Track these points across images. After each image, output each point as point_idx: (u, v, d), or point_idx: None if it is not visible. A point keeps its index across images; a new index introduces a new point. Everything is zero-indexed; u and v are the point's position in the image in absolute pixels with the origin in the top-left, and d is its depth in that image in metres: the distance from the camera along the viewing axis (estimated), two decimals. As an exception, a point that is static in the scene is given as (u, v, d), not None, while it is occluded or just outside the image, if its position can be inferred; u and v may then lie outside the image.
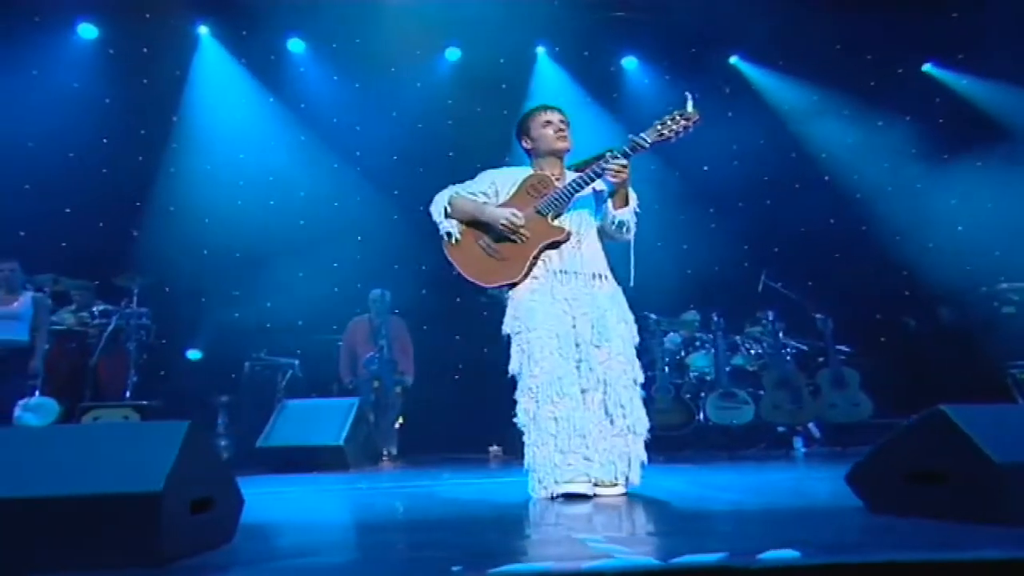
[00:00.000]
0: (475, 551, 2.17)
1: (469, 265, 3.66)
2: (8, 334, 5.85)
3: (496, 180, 3.81)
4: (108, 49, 8.94)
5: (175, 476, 2.03)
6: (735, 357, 7.31)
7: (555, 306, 3.50)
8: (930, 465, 2.67)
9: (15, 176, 8.45)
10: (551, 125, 3.76)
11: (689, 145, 9.37)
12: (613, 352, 3.48)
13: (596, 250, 3.72)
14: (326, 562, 2.12)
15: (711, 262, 9.63)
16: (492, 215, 3.64)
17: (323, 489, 4.46)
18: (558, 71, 9.50)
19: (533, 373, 3.42)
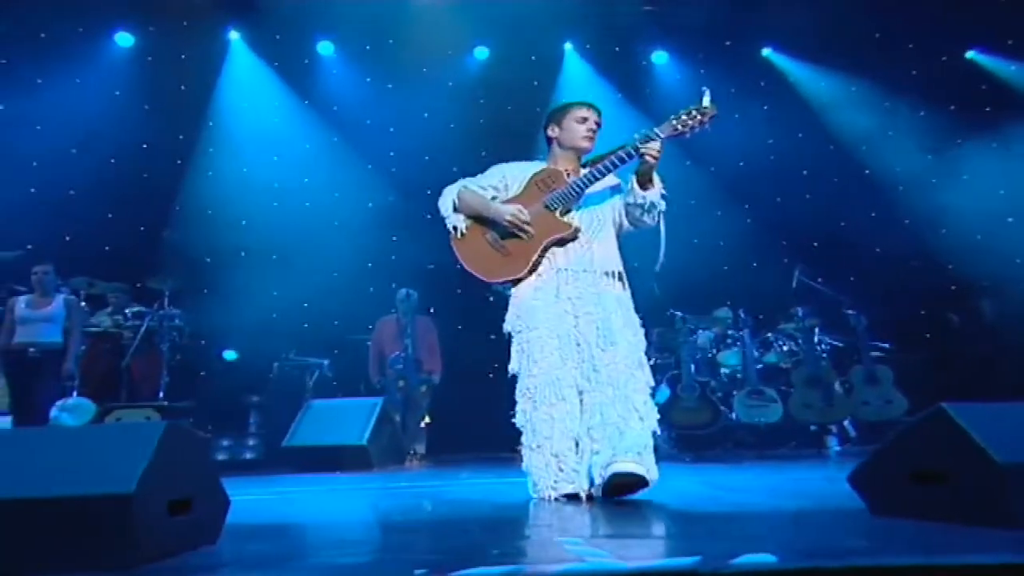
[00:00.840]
0: (448, 553, 2.16)
1: (474, 260, 3.62)
2: (42, 336, 6.00)
3: (507, 174, 3.75)
4: (147, 56, 9.12)
5: (149, 477, 2.03)
6: (768, 354, 7.19)
7: (557, 305, 3.43)
8: (932, 466, 2.59)
9: (60, 182, 8.68)
10: (585, 123, 3.69)
11: (724, 140, 9.41)
12: (619, 356, 3.35)
13: (608, 248, 3.62)
14: (294, 565, 2.12)
15: (748, 258, 9.51)
16: (497, 211, 3.58)
17: (334, 489, 4.48)
18: (586, 68, 9.42)
19: (532, 373, 3.37)
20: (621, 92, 9.31)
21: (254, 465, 6.25)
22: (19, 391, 5.74)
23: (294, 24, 9.10)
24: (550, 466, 3.28)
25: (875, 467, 2.82)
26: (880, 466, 2.80)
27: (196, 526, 2.28)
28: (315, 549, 2.43)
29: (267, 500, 3.99)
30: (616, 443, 3.19)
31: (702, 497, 3.59)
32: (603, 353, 3.34)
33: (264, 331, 8.64)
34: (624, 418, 3.24)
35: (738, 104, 9.69)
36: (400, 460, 6.35)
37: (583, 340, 3.39)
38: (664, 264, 3.87)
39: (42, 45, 8.73)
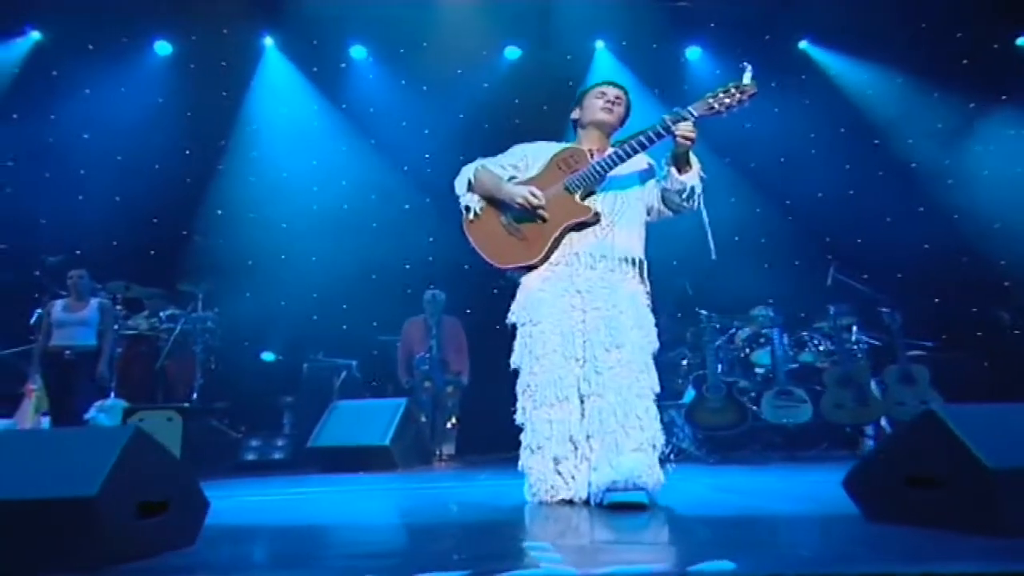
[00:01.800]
0: (405, 557, 2.16)
1: (486, 244, 3.45)
2: (77, 339, 6.17)
3: (528, 153, 3.58)
4: (189, 64, 9.31)
5: (114, 480, 2.07)
6: (803, 353, 7.02)
7: (564, 299, 3.28)
8: (924, 471, 2.51)
9: (107, 189, 8.93)
10: (604, 97, 3.56)
11: (764, 135, 9.21)
12: (624, 358, 3.16)
13: (631, 235, 3.41)
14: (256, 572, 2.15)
15: (789, 256, 9.33)
16: (509, 192, 3.40)
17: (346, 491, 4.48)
18: (618, 65, 9.34)
19: (533, 371, 3.25)
20: (654, 89, 9.20)
21: (282, 465, 6.33)
22: (56, 392, 5.92)
23: (326, 29, 9.20)
24: (547, 469, 3.18)
25: (868, 472, 2.74)
26: (873, 471, 2.72)
27: (171, 528, 2.31)
28: (286, 554, 2.44)
29: (274, 501, 4.03)
30: (613, 460, 3.04)
31: (704, 501, 3.51)
32: (607, 354, 3.18)
33: (304, 333, 8.79)
34: (623, 426, 3.09)
35: (778, 98, 9.54)
36: (426, 461, 6.37)
37: (590, 338, 3.23)
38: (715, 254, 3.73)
39: (90, 56, 8.96)
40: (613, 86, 3.63)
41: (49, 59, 8.90)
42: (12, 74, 8.82)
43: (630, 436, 3.09)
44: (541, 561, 2.01)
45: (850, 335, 7.05)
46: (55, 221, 8.65)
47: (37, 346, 6.13)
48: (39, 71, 8.85)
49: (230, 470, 6.30)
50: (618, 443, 3.07)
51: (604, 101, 3.55)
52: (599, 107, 3.54)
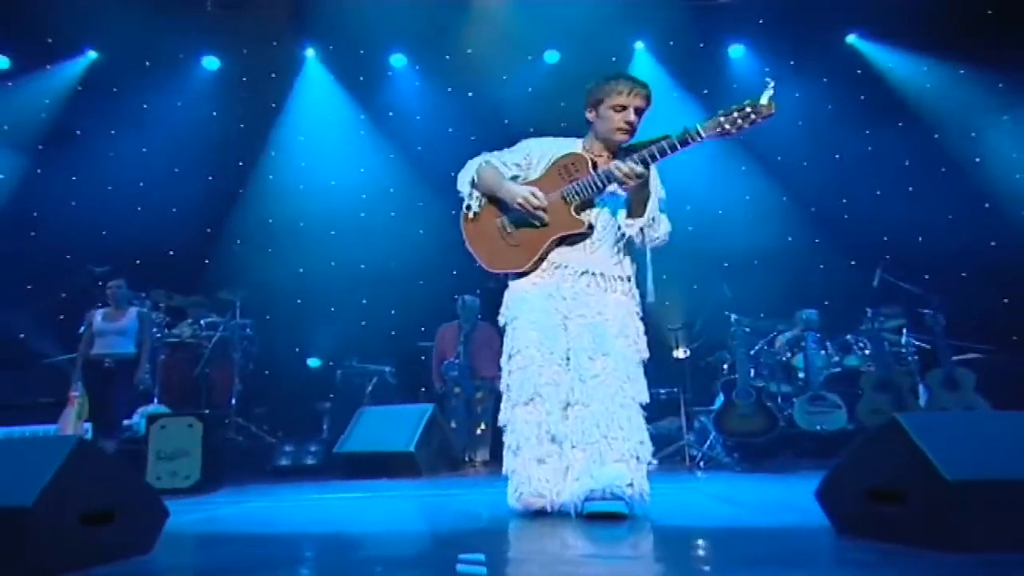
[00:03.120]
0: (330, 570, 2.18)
1: (479, 243, 3.40)
2: (116, 347, 6.35)
3: (532, 152, 3.44)
4: (242, 77, 9.59)
5: (54, 490, 2.13)
6: (848, 357, 6.79)
7: (549, 302, 3.22)
8: (887, 483, 2.42)
9: (164, 201, 9.27)
10: (623, 112, 3.28)
11: (819, 133, 8.94)
12: (609, 367, 3.11)
13: (619, 254, 3.33)
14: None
15: (845, 255, 9.05)
16: (509, 191, 3.28)
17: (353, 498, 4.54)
18: (656, 67, 9.22)
19: (511, 368, 3.23)
20: (695, 90, 9.07)
21: (314, 471, 6.43)
22: (96, 400, 6.15)
23: (367, 39, 9.31)
24: (530, 471, 3.11)
25: (836, 483, 2.65)
26: (840, 482, 2.63)
27: (121, 537, 2.36)
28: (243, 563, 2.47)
29: (273, 508, 4.11)
30: (595, 471, 3.00)
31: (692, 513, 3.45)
32: (591, 363, 3.12)
33: (352, 339, 8.95)
34: (606, 437, 3.03)
35: (830, 95, 9.29)
36: (454, 467, 6.37)
37: (574, 345, 3.17)
38: (653, 296, 3.30)
39: (146, 72, 9.31)
40: (635, 91, 3.33)
41: (107, 76, 9.26)
42: (73, 92, 9.20)
43: (612, 447, 3.04)
44: (463, 572, 2.01)
45: (898, 338, 6.79)
46: (115, 233, 9.01)
47: (79, 354, 6.37)
48: (99, 88, 9.22)
49: (264, 475, 6.45)
50: (601, 453, 3.03)
51: (622, 120, 3.29)
52: (616, 126, 3.30)
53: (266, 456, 6.80)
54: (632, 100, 3.31)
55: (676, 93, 9.19)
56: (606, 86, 3.36)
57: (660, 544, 2.63)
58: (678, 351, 7.65)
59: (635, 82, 3.36)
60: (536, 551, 2.45)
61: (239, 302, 7.82)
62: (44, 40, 8.87)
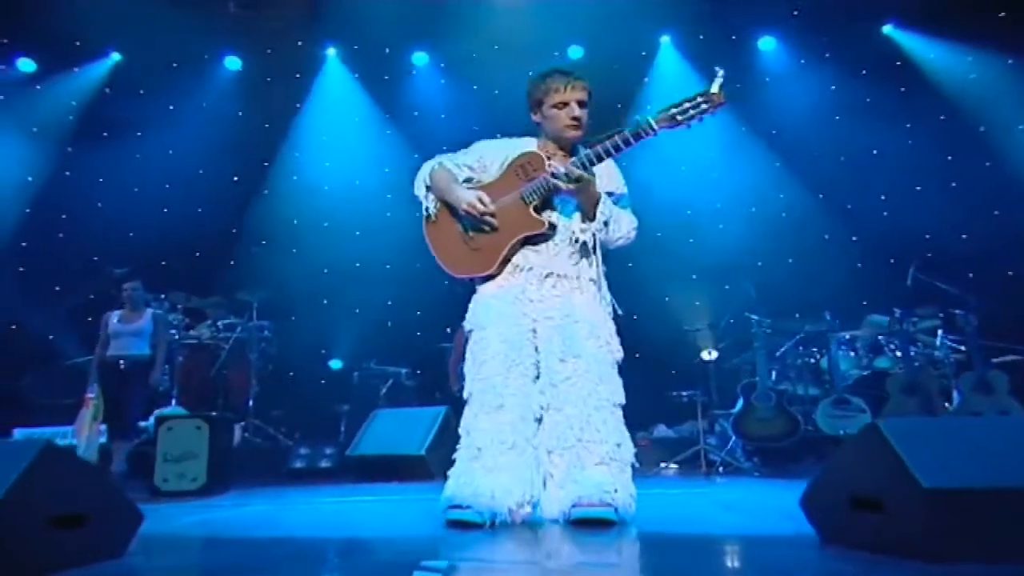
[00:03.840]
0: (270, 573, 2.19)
1: (443, 249, 3.35)
2: (131, 349, 6.44)
3: (485, 154, 3.39)
4: (266, 77, 9.72)
5: (20, 493, 2.16)
6: (879, 359, 6.66)
7: (515, 307, 3.16)
8: (867, 490, 2.37)
9: (189, 202, 9.43)
10: (566, 108, 3.27)
11: (856, 128, 8.78)
12: (580, 369, 3.06)
13: (585, 251, 3.25)
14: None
15: (885, 254, 8.88)
16: (457, 195, 3.25)
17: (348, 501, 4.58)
18: (681, 61, 9.14)
19: (474, 378, 3.16)
20: (725, 85, 8.96)
21: (329, 474, 6.48)
22: (111, 401, 6.27)
23: (389, 37, 9.39)
24: (474, 479, 3.01)
25: (818, 491, 2.60)
26: (822, 490, 2.58)
27: (92, 540, 2.37)
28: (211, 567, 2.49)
29: (271, 512, 4.14)
30: (578, 476, 2.97)
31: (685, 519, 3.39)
32: (562, 365, 3.08)
33: (376, 340, 9.01)
34: (582, 440, 3.00)
35: (868, 88, 9.12)
36: (468, 470, 6.34)
37: (544, 349, 3.13)
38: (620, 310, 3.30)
39: (172, 73, 9.49)
40: (572, 85, 3.32)
41: (132, 78, 9.45)
42: (100, 94, 9.43)
43: (591, 450, 3.01)
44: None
45: (933, 339, 6.64)
46: (142, 234, 9.19)
47: (95, 356, 6.50)
48: (125, 90, 9.42)
49: (277, 478, 6.52)
50: (580, 457, 3.00)
51: (569, 117, 3.28)
52: (563, 123, 3.29)
53: (281, 458, 6.87)
54: (572, 94, 3.30)
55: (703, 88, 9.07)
56: (542, 85, 3.36)
57: (640, 552, 2.60)
58: (705, 353, 7.58)
59: (569, 76, 3.35)
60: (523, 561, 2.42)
61: (256, 303, 7.91)
62: (68, 43, 9.08)
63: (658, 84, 9.29)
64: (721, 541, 2.78)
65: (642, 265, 9.14)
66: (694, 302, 9.15)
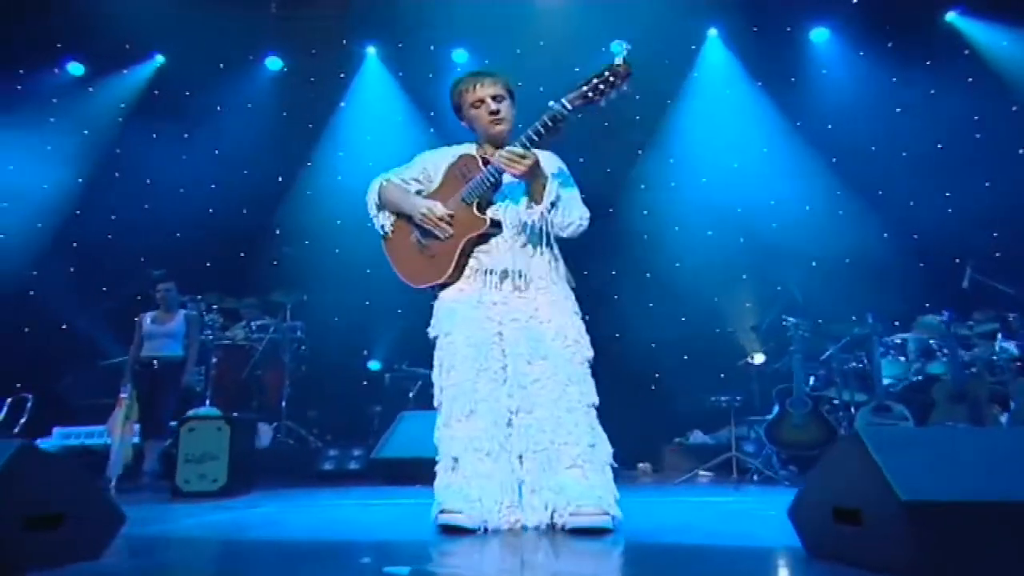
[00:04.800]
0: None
1: (401, 262, 3.43)
2: (164, 350, 6.64)
3: (427, 164, 3.47)
4: (310, 77, 9.90)
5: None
6: (932, 364, 6.45)
7: (479, 310, 3.17)
8: (848, 501, 2.31)
9: (234, 202, 9.65)
10: (483, 106, 3.34)
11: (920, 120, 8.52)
12: (548, 370, 3.07)
13: (537, 247, 3.25)
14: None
15: (951, 252, 8.60)
16: (412, 206, 3.32)
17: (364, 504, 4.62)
18: (728, 55, 8.98)
19: (443, 385, 3.18)
20: (775, 79, 8.80)
21: (357, 476, 6.55)
22: (144, 401, 6.45)
23: (430, 37, 9.45)
24: (457, 488, 3.02)
25: (804, 502, 2.53)
26: (807, 501, 2.51)
27: (69, 541, 2.41)
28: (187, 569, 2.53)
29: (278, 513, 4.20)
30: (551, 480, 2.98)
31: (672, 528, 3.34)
32: (530, 367, 3.09)
33: (414, 342, 9.06)
34: (554, 443, 3.01)
35: (932, 79, 8.85)
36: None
37: (510, 351, 3.13)
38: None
39: (218, 74, 9.72)
40: (482, 82, 3.37)
41: (178, 80, 9.72)
42: (149, 96, 9.72)
43: (563, 453, 3.00)
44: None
45: (991, 343, 6.40)
46: (188, 235, 9.44)
47: (129, 357, 6.70)
48: (172, 92, 9.70)
49: (305, 480, 6.60)
50: (551, 461, 3.00)
51: (488, 113, 3.34)
52: (487, 120, 3.35)
53: (311, 460, 6.97)
54: (483, 91, 3.36)
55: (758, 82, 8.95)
56: (455, 91, 3.44)
57: (620, 562, 2.57)
58: (753, 357, 7.44)
59: (478, 74, 3.44)
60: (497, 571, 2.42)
61: (290, 304, 8.04)
62: (114, 46, 9.39)
63: (704, 79, 9.18)
64: (704, 552, 2.73)
65: (691, 265, 9.05)
66: (744, 303, 9.01)
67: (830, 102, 9.03)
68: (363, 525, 3.74)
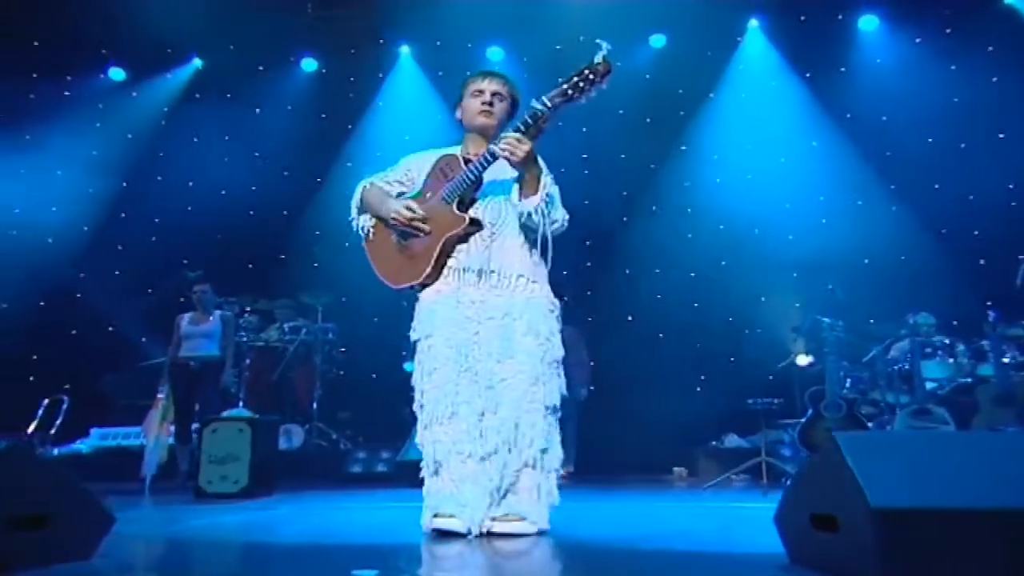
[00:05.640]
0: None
1: (381, 264, 3.47)
2: (201, 350, 6.83)
3: (411, 166, 3.54)
4: (350, 78, 10.03)
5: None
6: (983, 366, 6.25)
7: (458, 311, 3.21)
8: (825, 508, 2.27)
9: (274, 205, 9.82)
10: (480, 96, 3.42)
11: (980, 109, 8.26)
12: (515, 369, 3.11)
13: (517, 244, 3.29)
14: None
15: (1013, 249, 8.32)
16: (387, 208, 3.37)
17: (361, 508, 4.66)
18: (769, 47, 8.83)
19: (424, 388, 3.23)
20: (823, 70, 8.61)
21: (385, 479, 6.61)
22: (181, 401, 6.64)
23: (464, 34, 9.48)
24: (444, 492, 3.10)
25: (786, 508, 2.49)
26: (789, 507, 2.47)
27: (58, 541, 2.47)
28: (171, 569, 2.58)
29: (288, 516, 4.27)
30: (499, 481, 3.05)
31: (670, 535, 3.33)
32: (499, 366, 3.13)
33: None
34: (509, 443, 3.05)
35: (993, 66, 8.59)
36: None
37: (482, 351, 3.17)
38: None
39: (258, 77, 9.93)
40: (490, 79, 3.47)
41: (218, 83, 9.95)
42: (191, 99, 9.98)
43: (516, 454, 3.07)
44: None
45: (999, 344, 6.16)
46: (230, 237, 9.65)
47: (168, 358, 6.90)
48: (212, 95, 9.93)
49: (333, 482, 6.70)
50: (506, 462, 3.05)
51: (481, 102, 3.41)
52: (477, 110, 3.41)
53: (341, 462, 7.06)
54: (486, 85, 3.44)
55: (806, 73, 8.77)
56: (464, 84, 3.53)
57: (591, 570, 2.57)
58: (799, 358, 7.29)
59: (490, 72, 3.56)
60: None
61: (321, 306, 8.14)
62: (154, 51, 9.62)
63: (745, 72, 9.05)
64: (682, 558, 2.70)
65: (737, 263, 8.92)
66: (794, 303, 8.85)
67: (884, 93, 8.82)
68: (362, 528, 3.79)
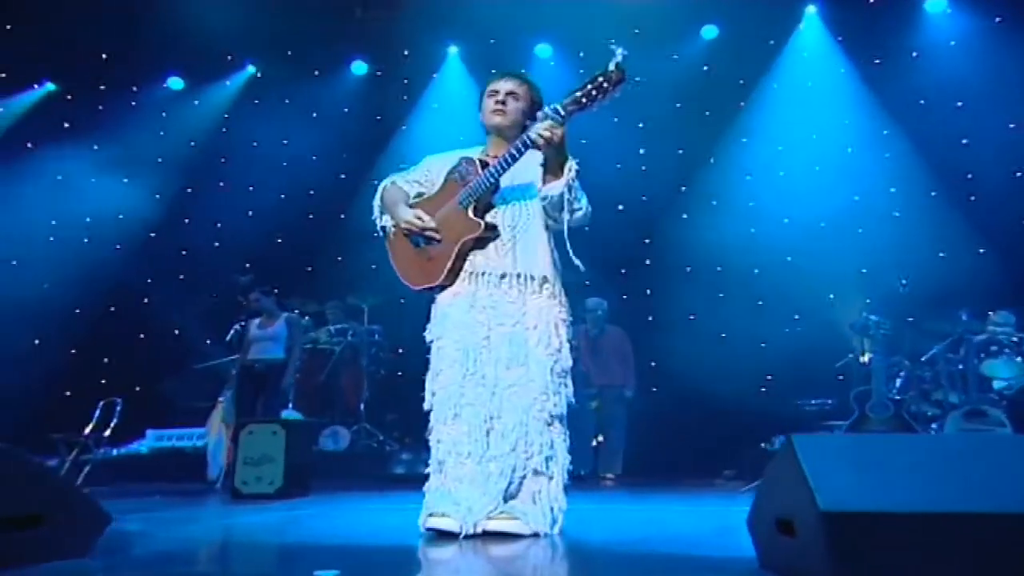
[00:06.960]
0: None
1: (402, 264, 3.56)
2: (266, 353, 7.08)
3: (431, 167, 3.61)
4: (403, 79, 10.21)
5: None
6: (1055, 367, 6.02)
7: (470, 314, 3.27)
8: (785, 511, 2.26)
9: (333, 208, 10.02)
10: (495, 96, 3.47)
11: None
12: (525, 377, 3.18)
13: (535, 248, 3.34)
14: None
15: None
16: (398, 217, 3.47)
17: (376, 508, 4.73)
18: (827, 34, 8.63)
19: (433, 389, 3.31)
20: (881, 58, 8.38)
21: (427, 479, 6.69)
22: (245, 403, 6.92)
23: (511, 32, 9.52)
24: (442, 492, 3.18)
25: (755, 512, 2.48)
26: (757, 511, 2.47)
27: (51, 540, 2.59)
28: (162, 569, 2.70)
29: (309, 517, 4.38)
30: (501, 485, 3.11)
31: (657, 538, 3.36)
32: (508, 372, 3.19)
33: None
34: (516, 450, 3.12)
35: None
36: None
37: (493, 356, 3.23)
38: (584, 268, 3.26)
39: (313, 81, 10.18)
40: (506, 79, 3.52)
41: (273, 87, 10.25)
42: (248, 105, 10.30)
43: (521, 461, 3.14)
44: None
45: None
46: (289, 240, 9.93)
47: (238, 361, 7.21)
48: (267, 100, 10.21)
49: (375, 483, 6.81)
50: (513, 467, 3.12)
51: (494, 102, 3.46)
52: (490, 109, 3.47)
53: (386, 464, 7.22)
54: (500, 85, 3.49)
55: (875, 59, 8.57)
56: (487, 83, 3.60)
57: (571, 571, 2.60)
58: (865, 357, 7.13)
59: (507, 73, 3.61)
60: None
61: (367, 308, 8.30)
62: (211, 59, 9.97)
63: (805, 60, 8.88)
64: (654, 561, 2.71)
65: (804, 258, 8.74)
66: (865, 299, 8.63)
67: (956, 76, 8.55)
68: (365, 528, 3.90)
